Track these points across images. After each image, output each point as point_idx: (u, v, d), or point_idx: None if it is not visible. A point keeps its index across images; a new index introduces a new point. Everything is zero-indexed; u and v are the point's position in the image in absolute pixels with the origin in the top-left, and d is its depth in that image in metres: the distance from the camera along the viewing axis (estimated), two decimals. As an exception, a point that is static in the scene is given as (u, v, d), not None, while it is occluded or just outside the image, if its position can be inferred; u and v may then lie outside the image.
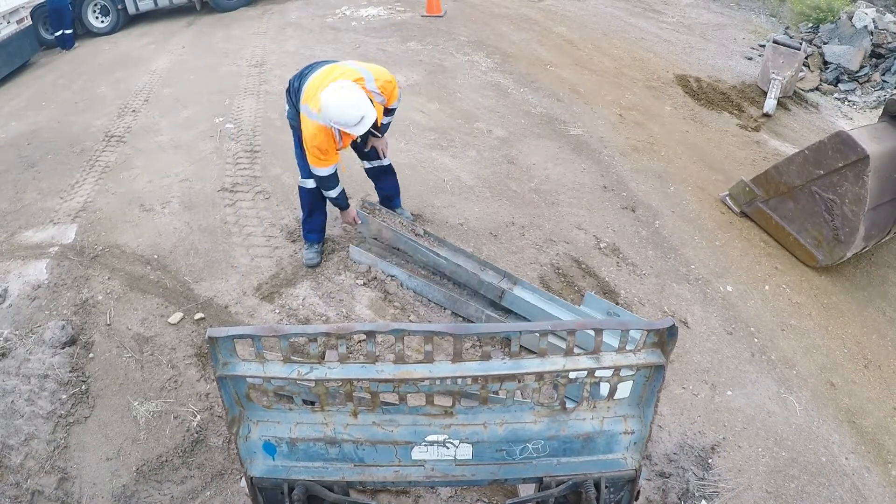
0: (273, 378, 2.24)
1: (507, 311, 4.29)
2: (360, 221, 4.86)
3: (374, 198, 5.29)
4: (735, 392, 4.00)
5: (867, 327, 4.60)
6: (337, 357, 2.29)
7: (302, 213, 4.99)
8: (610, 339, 3.43)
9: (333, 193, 4.57)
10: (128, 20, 12.79)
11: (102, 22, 12.57)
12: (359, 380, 2.24)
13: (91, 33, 12.49)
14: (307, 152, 4.35)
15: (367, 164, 5.10)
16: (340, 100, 3.96)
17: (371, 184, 5.29)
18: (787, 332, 4.48)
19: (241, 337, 2.20)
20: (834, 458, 3.65)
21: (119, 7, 12.46)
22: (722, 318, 4.56)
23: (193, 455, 3.66)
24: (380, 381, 2.23)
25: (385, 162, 5.07)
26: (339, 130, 4.16)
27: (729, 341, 4.37)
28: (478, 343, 4.09)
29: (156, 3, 12.72)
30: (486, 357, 2.27)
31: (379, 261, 4.84)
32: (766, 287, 4.85)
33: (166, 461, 3.63)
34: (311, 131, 4.21)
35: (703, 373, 4.12)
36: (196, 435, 3.75)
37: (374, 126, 4.45)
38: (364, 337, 4.00)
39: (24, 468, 3.63)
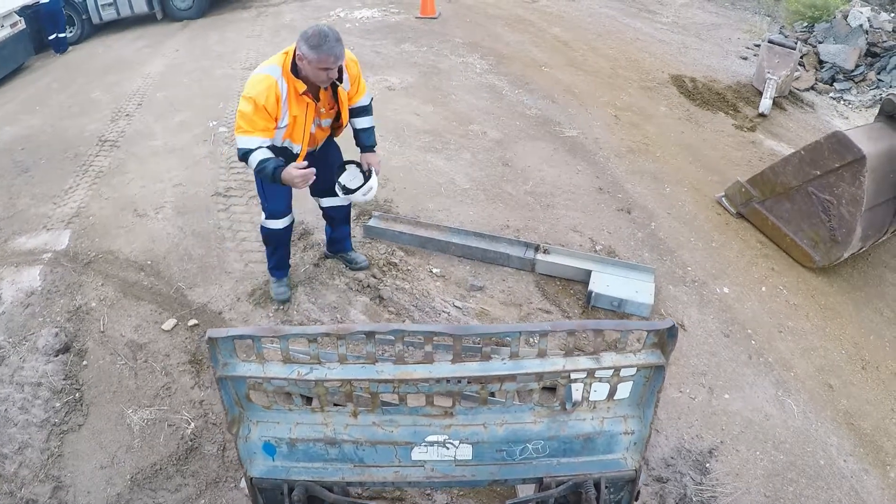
0: (273, 378, 2.24)
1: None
2: (312, 178, 3.61)
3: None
4: (733, 395, 3.99)
5: (864, 328, 4.58)
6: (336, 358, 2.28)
7: (266, 249, 4.54)
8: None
9: (254, 161, 3.57)
10: (93, 30, 12.90)
11: (69, 32, 12.58)
12: (358, 380, 2.24)
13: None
14: (237, 114, 3.57)
15: (326, 203, 4.46)
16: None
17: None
18: (784, 333, 4.47)
19: (241, 337, 2.20)
20: (832, 460, 3.63)
21: (83, 17, 12.59)
22: (719, 320, 4.54)
23: (188, 463, 3.62)
24: (379, 381, 2.22)
25: (345, 202, 4.39)
26: (287, 93, 3.53)
27: (726, 344, 4.35)
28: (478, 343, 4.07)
29: (118, 14, 12.82)
30: (485, 357, 2.26)
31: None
32: (763, 288, 4.84)
33: (160, 469, 3.60)
34: (249, 82, 3.52)
35: (701, 376, 4.10)
36: (190, 443, 3.72)
37: (359, 138, 4.02)
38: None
39: (18, 477, 3.60)
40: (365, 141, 4.13)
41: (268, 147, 3.60)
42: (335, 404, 2.77)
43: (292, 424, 2.44)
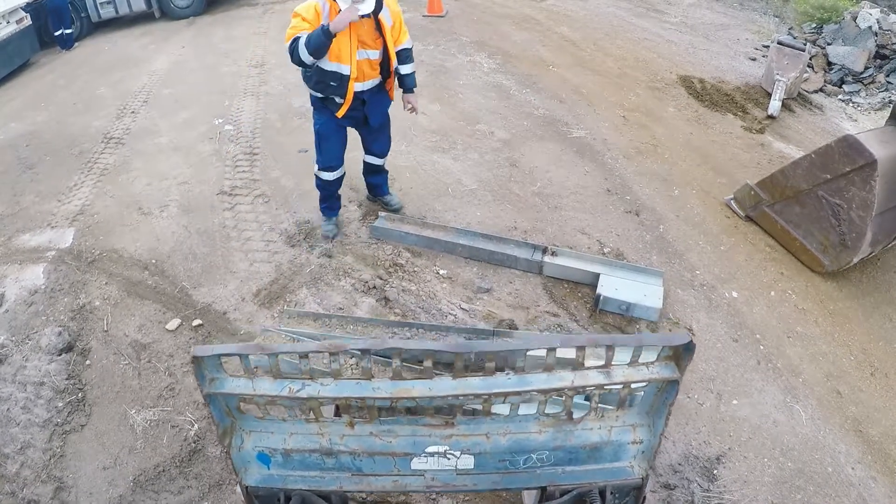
0: (263, 395, 2.14)
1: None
2: (358, 14, 4.18)
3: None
4: (741, 401, 3.95)
5: (874, 334, 4.53)
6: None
7: (320, 195, 5.21)
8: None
9: (302, 44, 4.13)
10: (92, 28, 12.92)
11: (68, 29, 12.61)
12: (353, 398, 2.14)
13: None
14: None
15: (368, 159, 5.26)
16: None
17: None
18: (793, 339, 4.43)
19: (227, 355, 2.11)
20: (840, 468, 3.59)
21: (83, 15, 12.61)
22: (727, 324, 4.50)
23: (191, 465, 3.61)
24: (376, 398, 2.12)
25: (379, 162, 5.27)
26: (328, 12, 4.11)
27: (734, 349, 4.31)
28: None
29: (117, 12, 12.84)
30: (489, 373, 2.15)
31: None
32: (772, 293, 4.79)
33: (163, 471, 3.58)
34: (299, 6, 4.24)
35: (709, 381, 4.07)
36: (193, 444, 3.70)
37: (402, 81, 4.80)
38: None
39: (20, 477, 3.59)
40: (408, 83, 4.87)
41: (319, 70, 4.32)
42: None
43: (287, 435, 2.36)
